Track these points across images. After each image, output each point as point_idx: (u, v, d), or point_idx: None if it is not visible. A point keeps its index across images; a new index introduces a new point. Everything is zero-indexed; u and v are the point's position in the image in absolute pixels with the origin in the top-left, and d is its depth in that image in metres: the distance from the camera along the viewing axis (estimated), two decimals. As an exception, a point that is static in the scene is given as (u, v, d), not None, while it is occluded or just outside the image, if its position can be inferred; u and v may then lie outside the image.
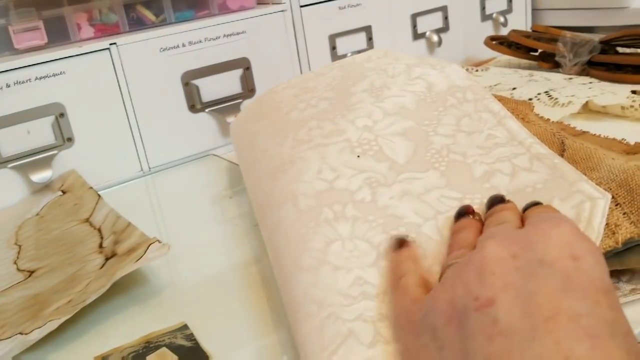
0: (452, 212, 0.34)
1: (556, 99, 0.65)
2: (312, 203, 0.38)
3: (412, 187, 0.38)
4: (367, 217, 0.36)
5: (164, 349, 0.38)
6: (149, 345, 0.38)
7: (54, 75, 0.62)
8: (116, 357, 0.38)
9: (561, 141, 0.45)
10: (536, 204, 0.31)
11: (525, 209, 0.31)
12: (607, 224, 0.30)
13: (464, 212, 0.33)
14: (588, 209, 0.31)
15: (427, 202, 0.36)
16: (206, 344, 0.37)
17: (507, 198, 0.33)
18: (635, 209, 0.31)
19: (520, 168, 0.37)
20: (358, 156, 0.43)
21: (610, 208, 0.31)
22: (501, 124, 0.44)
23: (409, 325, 0.25)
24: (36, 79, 0.61)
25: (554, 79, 0.73)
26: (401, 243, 0.32)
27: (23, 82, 0.61)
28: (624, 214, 0.30)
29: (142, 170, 0.69)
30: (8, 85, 0.60)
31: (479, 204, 0.35)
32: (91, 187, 0.60)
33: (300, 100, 0.55)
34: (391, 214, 0.35)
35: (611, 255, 0.32)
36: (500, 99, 0.58)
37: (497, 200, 0.32)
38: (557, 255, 0.22)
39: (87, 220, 0.55)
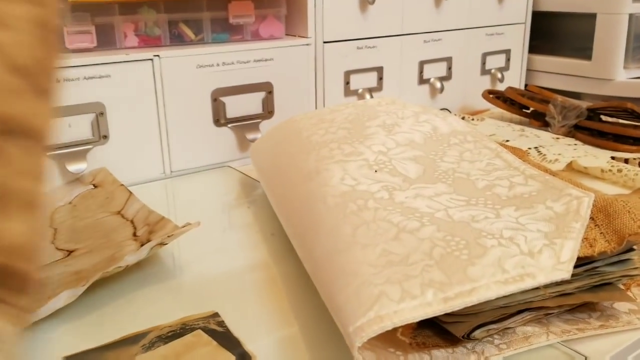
0: (461, 207, 0.41)
1: (545, 155, 0.73)
2: (338, 201, 0.45)
3: (424, 192, 0.45)
4: (386, 207, 0.42)
5: (199, 331, 0.43)
6: (185, 327, 0.44)
7: (100, 77, 0.68)
8: (156, 333, 0.43)
9: (553, 174, 0.53)
10: None
11: None
12: (586, 238, 0.37)
13: None
14: (576, 204, 0.39)
15: (438, 202, 0.43)
16: (235, 331, 0.43)
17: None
18: (610, 230, 0.38)
19: (517, 183, 0.45)
20: (375, 171, 0.50)
21: (590, 227, 0.38)
22: (498, 156, 0.52)
23: None
24: (84, 78, 0.67)
25: (543, 137, 0.82)
26: None
27: (72, 80, 0.66)
28: (601, 233, 0.38)
29: (164, 172, 0.75)
30: (57, 81, 0.65)
31: (482, 205, 0.42)
32: (122, 185, 0.66)
33: (319, 127, 0.62)
34: (407, 206, 0.42)
35: (586, 289, 0.39)
36: (500, 144, 0.66)
37: None
38: None
39: (118, 212, 0.61)
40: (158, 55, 0.71)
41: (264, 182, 0.63)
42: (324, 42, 0.85)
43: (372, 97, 0.90)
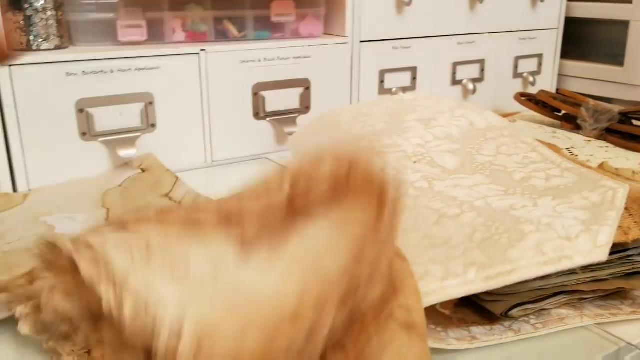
0: (499, 196, 0.43)
1: (576, 155, 0.75)
2: None
3: (463, 182, 0.47)
4: (426, 195, 0.45)
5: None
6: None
7: (150, 69, 0.72)
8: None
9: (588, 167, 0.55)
10: None
11: None
12: (621, 226, 0.39)
13: None
14: (611, 194, 0.41)
15: (476, 191, 0.45)
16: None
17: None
18: (643, 219, 0.40)
19: (553, 175, 0.47)
20: (415, 162, 0.52)
21: (624, 216, 0.40)
22: (535, 150, 0.54)
23: None
24: (136, 69, 0.71)
25: (575, 139, 0.83)
26: None
27: (124, 71, 0.70)
28: (635, 222, 0.40)
29: (205, 161, 0.78)
30: (112, 71, 0.69)
31: (520, 194, 0.44)
32: (168, 170, 0.69)
33: (358, 121, 0.64)
34: (447, 195, 0.45)
35: (619, 277, 0.41)
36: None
37: None
38: None
39: (167, 195, 0.64)
40: (204, 50, 0.74)
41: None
42: (361, 42, 0.87)
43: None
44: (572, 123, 0.89)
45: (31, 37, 0.67)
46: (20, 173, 0.66)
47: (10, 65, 0.63)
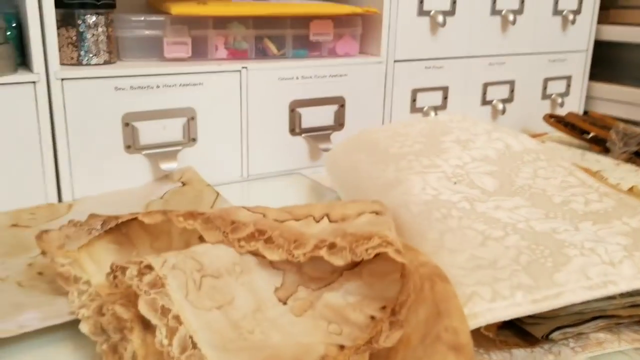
0: (541, 220, 0.45)
1: (607, 178, 0.76)
2: (422, 208, 0.49)
3: (503, 204, 0.49)
4: (469, 216, 0.46)
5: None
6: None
7: (194, 84, 0.74)
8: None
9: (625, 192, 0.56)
10: None
11: None
12: None
13: None
14: None
15: (517, 213, 0.47)
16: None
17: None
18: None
19: (592, 200, 0.48)
20: (455, 183, 0.54)
21: None
22: (572, 174, 0.55)
23: None
24: (180, 85, 0.73)
25: (604, 162, 0.84)
26: None
27: (169, 86, 0.73)
28: None
29: (242, 175, 0.81)
30: (158, 87, 0.72)
31: (561, 218, 0.45)
32: (209, 184, 0.72)
33: (395, 140, 0.66)
34: (489, 216, 0.46)
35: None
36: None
37: None
38: None
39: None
40: (246, 67, 0.77)
41: (341, 189, 0.68)
42: (395, 61, 0.89)
43: (436, 115, 0.95)
44: (601, 146, 0.90)
45: (82, 52, 0.70)
46: (66, 184, 0.69)
47: (63, 79, 0.66)
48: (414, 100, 0.93)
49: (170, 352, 0.35)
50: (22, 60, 0.70)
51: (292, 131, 0.83)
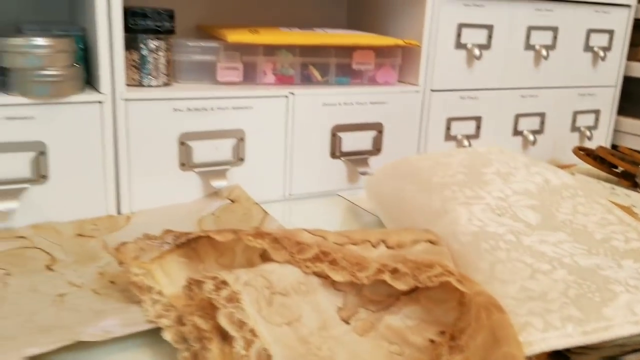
0: (584, 255, 0.48)
1: (637, 214, 0.78)
2: (470, 239, 0.52)
3: (547, 238, 0.52)
4: (517, 249, 0.49)
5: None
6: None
7: (245, 108, 0.78)
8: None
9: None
10: None
11: None
12: None
13: None
14: None
15: (562, 248, 0.50)
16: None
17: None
18: None
19: (632, 238, 0.51)
20: (499, 215, 0.57)
21: None
22: (610, 212, 0.58)
23: None
24: (232, 108, 0.77)
25: (634, 197, 0.87)
26: None
27: (222, 109, 0.77)
28: None
29: (284, 194, 0.84)
30: (212, 109, 0.76)
31: (603, 255, 0.48)
32: (256, 203, 0.76)
33: (437, 170, 0.70)
34: (535, 250, 0.49)
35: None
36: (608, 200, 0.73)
37: None
38: None
39: (257, 229, 0.70)
40: (293, 93, 0.81)
41: (383, 213, 0.71)
42: (432, 90, 0.93)
43: (470, 143, 0.98)
44: (630, 180, 0.93)
45: (143, 75, 0.75)
46: (125, 197, 0.73)
47: (127, 100, 0.70)
48: (448, 128, 0.97)
49: (248, 355, 0.39)
50: (87, 79, 0.74)
51: (333, 154, 0.87)
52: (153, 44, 0.74)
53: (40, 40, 0.65)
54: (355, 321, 0.44)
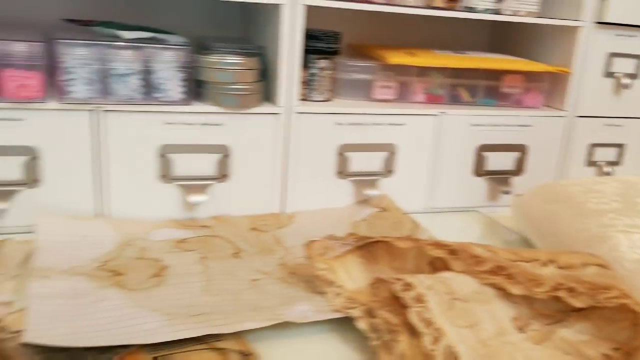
0: None
1: None
2: (635, 266, 0.54)
3: None
4: None
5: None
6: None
7: (398, 124, 0.84)
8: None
9: None
10: None
11: None
12: None
13: None
14: None
15: None
16: None
17: None
18: None
19: None
20: None
21: None
22: None
23: None
24: (388, 124, 0.84)
25: None
26: None
27: (378, 124, 0.83)
28: None
29: (426, 207, 0.90)
30: (369, 124, 0.83)
31: None
32: (406, 213, 0.81)
33: (590, 197, 0.72)
34: None
35: None
36: None
37: None
38: None
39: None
40: (444, 112, 0.86)
41: (533, 233, 0.74)
42: (577, 116, 0.94)
43: (612, 170, 0.98)
44: None
45: (310, 90, 0.83)
46: (290, 198, 0.81)
47: (299, 113, 0.79)
48: (590, 154, 0.97)
49: (436, 356, 0.44)
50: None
51: (476, 172, 0.91)
52: (322, 63, 0.83)
53: (233, 58, 0.74)
54: (530, 331, 0.48)
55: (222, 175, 0.77)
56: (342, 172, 0.83)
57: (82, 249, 0.66)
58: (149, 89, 0.72)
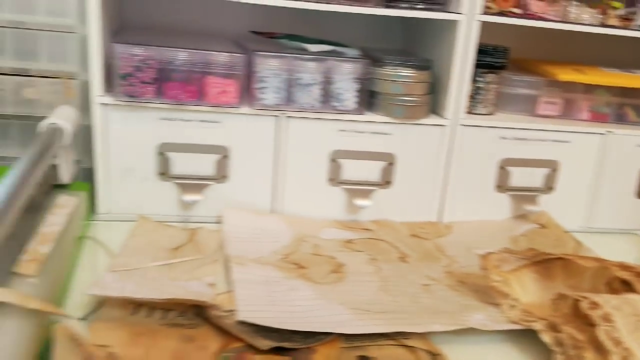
0: None
1: None
2: None
3: None
4: None
5: None
6: None
7: (562, 141, 0.84)
8: None
9: None
10: None
11: None
12: None
13: None
14: None
15: None
16: None
17: None
18: None
19: None
20: None
21: None
22: None
23: None
24: (552, 140, 0.84)
25: None
26: None
27: (541, 140, 0.84)
28: None
29: (583, 226, 0.88)
30: (531, 139, 0.83)
31: None
32: (567, 231, 0.81)
33: None
34: None
35: None
36: None
37: None
38: None
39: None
40: (611, 131, 0.84)
41: None
42: None
43: None
44: None
45: (475, 103, 0.85)
46: (447, 208, 0.84)
47: (463, 125, 0.81)
48: None
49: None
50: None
51: (638, 193, 0.88)
52: (489, 77, 0.84)
53: (407, 71, 0.78)
54: None
55: (385, 181, 0.82)
56: (502, 186, 0.84)
57: (263, 241, 0.73)
58: (327, 98, 0.78)
